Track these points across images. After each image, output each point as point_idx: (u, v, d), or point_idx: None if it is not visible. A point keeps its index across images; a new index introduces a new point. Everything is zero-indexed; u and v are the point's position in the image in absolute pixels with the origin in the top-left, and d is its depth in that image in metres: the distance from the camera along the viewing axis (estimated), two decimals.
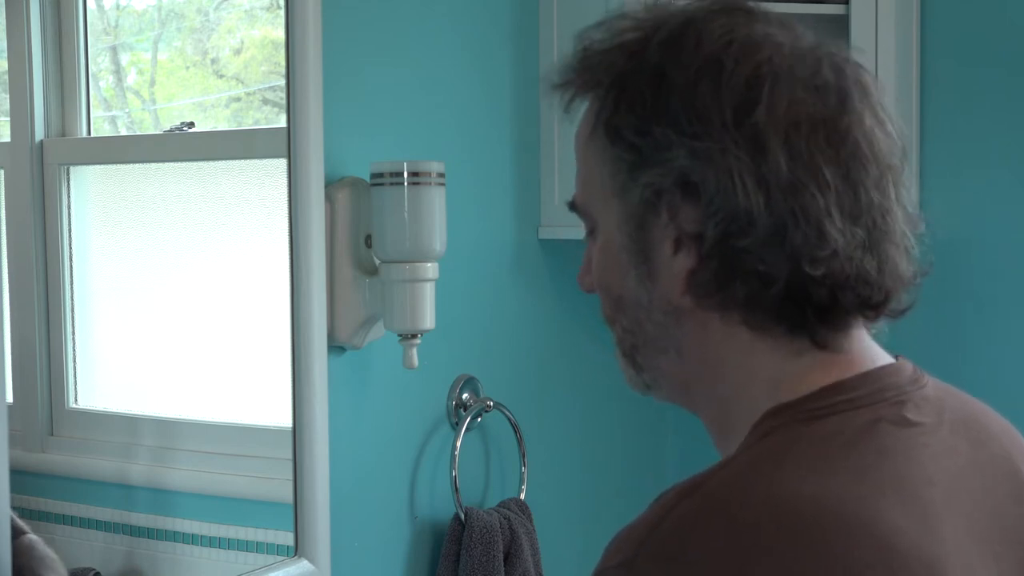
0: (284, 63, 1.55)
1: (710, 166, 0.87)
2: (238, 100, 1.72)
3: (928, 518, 0.84)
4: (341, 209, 1.63)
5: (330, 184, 1.62)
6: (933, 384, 0.94)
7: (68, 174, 1.45)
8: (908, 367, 0.94)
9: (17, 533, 1.24)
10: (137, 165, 1.60)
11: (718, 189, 0.86)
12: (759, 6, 0.95)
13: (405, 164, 1.61)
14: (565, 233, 2.01)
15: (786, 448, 0.86)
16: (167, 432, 1.54)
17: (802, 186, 0.86)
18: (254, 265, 1.64)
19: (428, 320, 1.63)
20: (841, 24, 2.02)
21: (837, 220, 0.87)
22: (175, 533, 1.51)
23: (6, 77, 1.39)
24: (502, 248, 1.99)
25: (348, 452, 1.67)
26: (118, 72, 1.60)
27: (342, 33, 1.65)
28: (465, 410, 1.86)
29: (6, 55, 1.38)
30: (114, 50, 1.58)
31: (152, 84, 1.65)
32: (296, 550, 1.58)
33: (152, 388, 1.56)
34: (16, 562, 1.24)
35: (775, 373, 0.90)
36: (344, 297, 1.63)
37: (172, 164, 1.61)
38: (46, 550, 1.31)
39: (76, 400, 1.47)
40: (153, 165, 1.61)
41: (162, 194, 1.59)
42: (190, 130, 1.58)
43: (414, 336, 1.63)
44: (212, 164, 1.64)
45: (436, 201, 1.62)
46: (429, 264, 1.63)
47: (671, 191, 0.88)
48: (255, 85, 1.73)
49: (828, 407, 0.88)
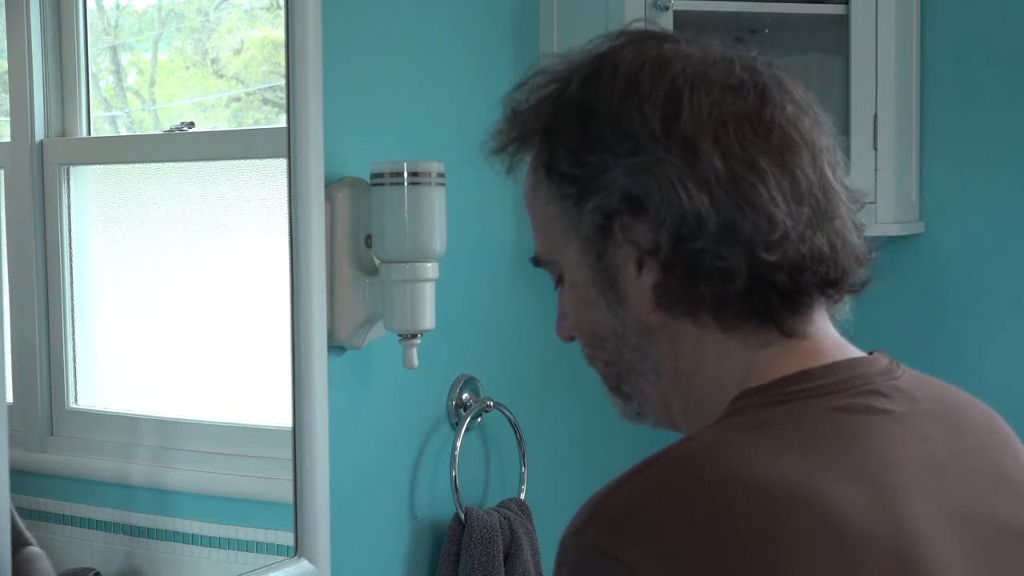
0: (284, 63, 1.55)
1: (649, 178, 0.90)
2: (238, 100, 1.72)
3: (891, 501, 0.85)
4: (341, 209, 1.63)
5: (330, 184, 1.62)
6: (909, 375, 0.96)
7: (68, 174, 1.45)
8: (882, 360, 0.96)
9: (21, 544, 1.24)
10: (137, 165, 1.60)
11: (662, 198, 0.89)
12: (665, 31, 0.99)
13: (405, 164, 1.61)
14: None
15: (745, 428, 0.88)
16: (167, 432, 1.54)
17: (741, 178, 0.89)
18: (254, 265, 1.64)
19: (428, 320, 1.63)
20: (841, 24, 2.02)
21: (781, 204, 0.89)
22: (175, 533, 1.51)
23: (6, 77, 1.39)
24: (502, 248, 1.98)
25: (348, 452, 1.67)
26: (118, 72, 1.60)
27: (342, 33, 1.65)
28: (465, 410, 1.86)
29: (6, 55, 1.38)
30: (114, 50, 1.58)
31: (152, 84, 1.65)
32: (296, 550, 1.58)
33: (152, 388, 1.56)
34: (17, 573, 1.24)
35: (744, 366, 0.92)
36: (344, 297, 1.63)
37: (172, 164, 1.61)
38: (48, 566, 1.30)
39: (76, 400, 1.47)
40: (153, 165, 1.61)
41: (162, 194, 1.59)
42: (190, 130, 1.58)
43: (414, 336, 1.63)
44: (212, 164, 1.64)
45: (436, 201, 1.63)
46: (429, 264, 1.63)
47: (619, 210, 0.91)
48: (255, 85, 1.73)
49: (793, 392, 0.90)
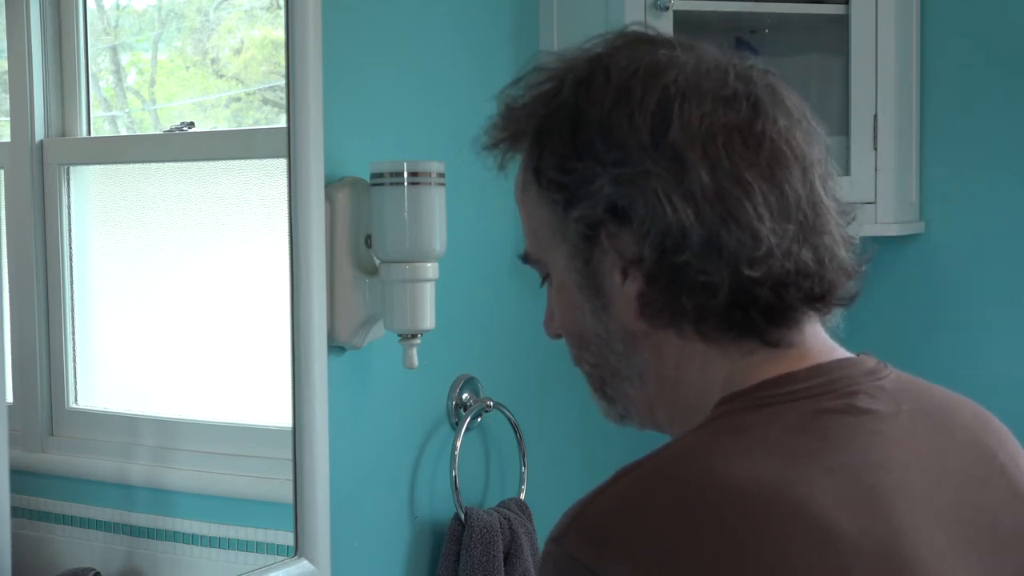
0: (284, 63, 1.55)
1: (635, 189, 0.89)
2: (238, 100, 1.72)
3: (877, 501, 0.85)
4: (341, 209, 1.63)
5: (330, 184, 1.62)
6: (895, 376, 0.96)
7: (68, 174, 1.45)
8: (869, 361, 0.96)
9: None
10: (137, 165, 1.60)
11: (647, 210, 0.89)
12: (662, 35, 0.98)
13: (405, 164, 1.61)
14: None
15: (728, 432, 0.88)
16: (167, 432, 1.54)
17: (727, 193, 0.88)
18: (254, 265, 1.64)
19: (428, 320, 1.63)
20: (841, 24, 2.02)
21: (767, 220, 0.89)
22: (175, 533, 1.51)
23: (6, 77, 1.39)
24: (502, 248, 1.98)
25: (348, 452, 1.67)
26: (118, 72, 1.60)
27: (342, 33, 1.65)
28: (465, 410, 1.86)
29: (6, 55, 1.38)
30: (114, 50, 1.58)
31: (152, 84, 1.65)
32: (296, 550, 1.58)
33: (152, 388, 1.56)
34: None
35: (729, 372, 0.92)
36: (344, 297, 1.63)
37: (172, 164, 1.61)
38: None
39: (76, 400, 1.47)
40: (153, 165, 1.61)
41: (162, 194, 1.59)
42: (190, 130, 1.58)
43: (414, 336, 1.63)
44: (212, 164, 1.64)
45: (436, 201, 1.63)
46: (429, 264, 1.63)
47: (604, 220, 0.91)
48: (255, 85, 1.73)
49: (777, 395, 0.90)
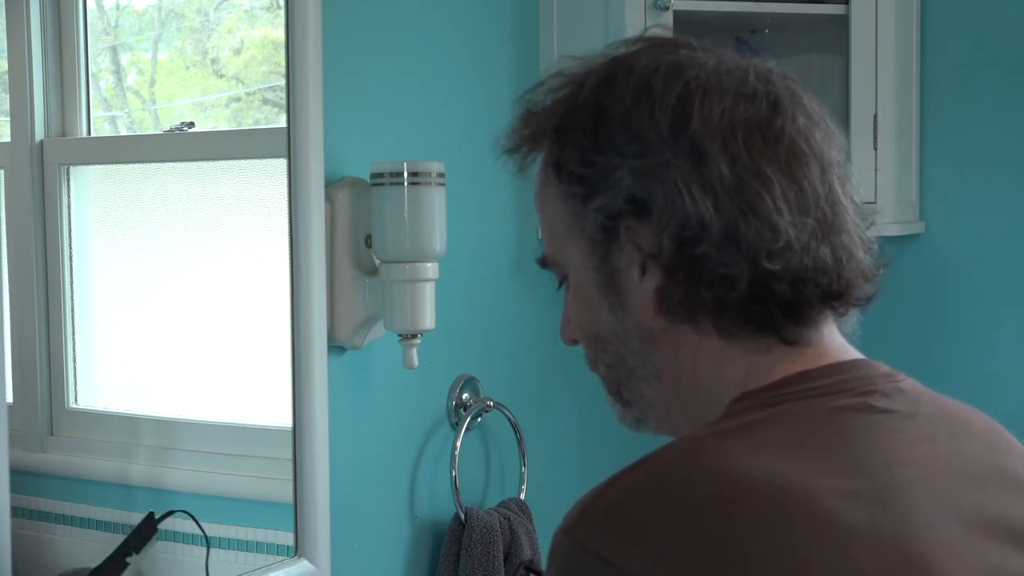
0: (284, 63, 1.54)
1: (655, 181, 0.90)
2: (238, 100, 1.72)
3: (891, 497, 0.84)
4: (341, 209, 1.63)
5: (330, 184, 1.62)
6: (911, 383, 0.96)
7: (68, 174, 1.45)
8: (884, 366, 0.96)
9: None
10: (137, 165, 1.60)
11: (666, 201, 0.89)
12: (682, 37, 0.99)
13: (405, 164, 1.61)
14: None
15: (739, 428, 0.88)
16: (167, 432, 1.54)
17: (746, 186, 0.89)
18: (254, 265, 1.64)
19: (428, 320, 1.63)
20: (841, 24, 2.02)
21: (786, 213, 0.89)
22: (175, 533, 1.51)
23: (6, 77, 1.39)
24: (502, 248, 1.98)
25: (348, 452, 1.67)
26: (118, 72, 1.60)
27: (342, 33, 1.65)
28: (465, 410, 1.86)
29: (6, 55, 1.38)
30: (114, 50, 1.58)
31: (152, 84, 1.65)
32: (296, 550, 1.58)
33: (152, 388, 1.56)
34: None
35: (745, 371, 0.92)
36: (344, 297, 1.63)
37: (172, 164, 1.61)
38: None
39: (76, 400, 1.47)
40: (153, 165, 1.61)
41: (162, 194, 1.59)
42: (190, 130, 1.58)
43: (414, 336, 1.63)
44: (212, 164, 1.64)
45: (436, 201, 1.63)
46: (429, 264, 1.63)
47: (623, 212, 0.92)
48: (255, 85, 1.73)
49: (791, 393, 0.90)
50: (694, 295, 0.91)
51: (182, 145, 1.59)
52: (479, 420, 1.90)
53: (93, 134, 1.49)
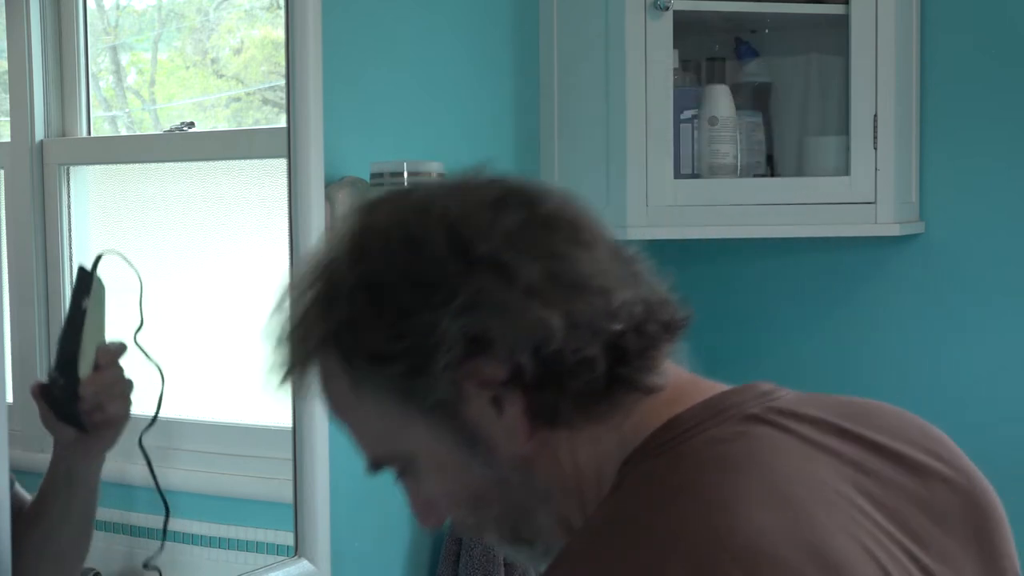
0: (284, 63, 1.55)
1: (481, 312, 0.87)
2: (238, 100, 1.72)
3: (793, 511, 0.84)
4: (341, 209, 1.63)
5: (330, 184, 1.62)
6: (794, 396, 0.94)
7: (68, 174, 1.45)
8: (758, 387, 0.94)
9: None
10: (137, 165, 1.60)
11: (503, 324, 0.87)
12: (393, 188, 0.97)
13: (405, 164, 1.61)
14: None
15: (635, 496, 0.87)
16: (167, 432, 1.54)
17: (559, 272, 0.89)
18: (254, 265, 1.64)
19: None
20: (841, 24, 2.02)
21: (599, 275, 0.90)
22: (175, 533, 1.51)
23: (6, 77, 1.39)
24: None
25: (348, 452, 1.66)
26: (118, 72, 1.60)
27: (342, 33, 1.65)
28: None
29: (6, 55, 1.38)
30: (114, 50, 1.58)
31: (152, 84, 1.65)
32: (296, 550, 1.58)
33: (152, 388, 1.56)
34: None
35: (620, 440, 0.91)
36: None
37: (172, 164, 1.61)
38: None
39: None
40: (153, 165, 1.61)
41: (162, 194, 1.59)
42: (190, 130, 1.58)
43: None
44: (212, 164, 1.64)
45: None
46: None
47: (463, 356, 0.88)
48: (255, 85, 1.73)
49: (670, 440, 0.89)
50: (561, 393, 0.89)
51: (182, 145, 1.59)
52: None
53: (93, 134, 1.49)
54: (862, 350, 2.17)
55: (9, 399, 1.25)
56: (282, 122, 1.56)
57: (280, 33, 1.55)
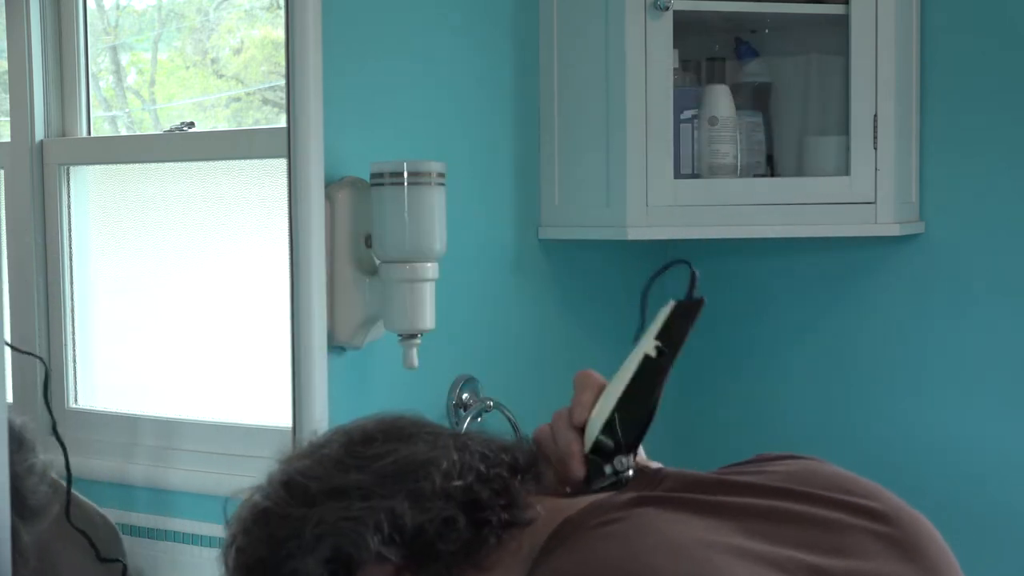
0: (284, 63, 1.55)
1: (324, 540, 0.95)
2: (238, 100, 1.72)
3: (688, 558, 0.88)
4: (341, 209, 1.63)
5: (330, 184, 1.62)
6: (677, 474, 1.00)
7: (68, 174, 1.46)
8: (643, 476, 1.00)
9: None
10: (137, 165, 1.60)
11: (354, 535, 0.94)
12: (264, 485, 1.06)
13: (405, 164, 1.61)
14: (565, 233, 2.01)
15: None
16: (167, 432, 1.54)
17: (383, 467, 0.97)
18: (254, 265, 1.64)
19: (428, 320, 1.63)
20: (841, 24, 2.02)
21: (424, 453, 0.98)
22: (175, 533, 1.51)
23: (6, 77, 1.39)
24: (502, 248, 1.99)
25: None
26: (118, 72, 1.60)
27: (342, 33, 1.65)
28: (465, 410, 1.86)
29: (6, 55, 1.38)
30: (114, 50, 1.58)
31: (152, 84, 1.65)
32: None
33: (152, 388, 1.56)
34: None
35: (523, 560, 0.95)
36: (344, 297, 1.64)
37: (172, 164, 1.61)
38: None
39: (76, 400, 1.47)
40: (153, 165, 1.61)
41: (162, 194, 1.59)
42: (190, 130, 1.58)
43: (414, 336, 1.63)
44: (212, 164, 1.64)
45: (436, 201, 1.63)
46: (429, 264, 1.63)
47: None
48: (255, 85, 1.73)
49: (563, 536, 0.93)
50: (441, 559, 0.94)
51: (182, 145, 1.59)
52: (479, 420, 1.90)
53: (93, 134, 1.50)
54: (862, 350, 2.17)
55: (9, 399, 1.25)
56: (282, 122, 1.56)
57: (280, 33, 1.56)
